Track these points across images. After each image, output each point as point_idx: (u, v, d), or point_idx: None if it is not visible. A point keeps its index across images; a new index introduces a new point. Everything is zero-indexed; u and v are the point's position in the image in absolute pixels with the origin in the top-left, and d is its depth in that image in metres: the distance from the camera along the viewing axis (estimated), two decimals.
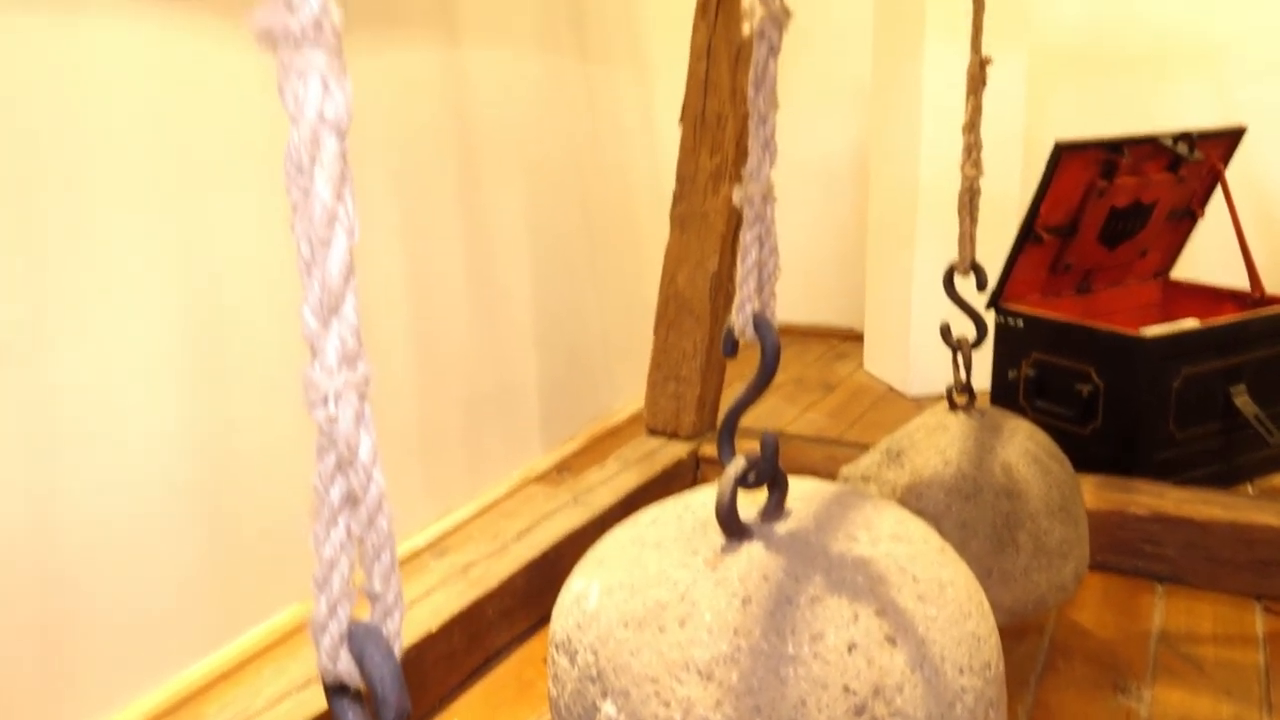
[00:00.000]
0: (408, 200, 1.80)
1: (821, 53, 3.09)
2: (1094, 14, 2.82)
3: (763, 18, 0.86)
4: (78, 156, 1.25)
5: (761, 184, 0.90)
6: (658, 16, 2.56)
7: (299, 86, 0.44)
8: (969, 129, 1.45)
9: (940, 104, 2.48)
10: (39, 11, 1.20)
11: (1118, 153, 2.16)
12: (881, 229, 2.78)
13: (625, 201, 2.52)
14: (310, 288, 0.47)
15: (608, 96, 2.42)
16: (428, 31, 1.84)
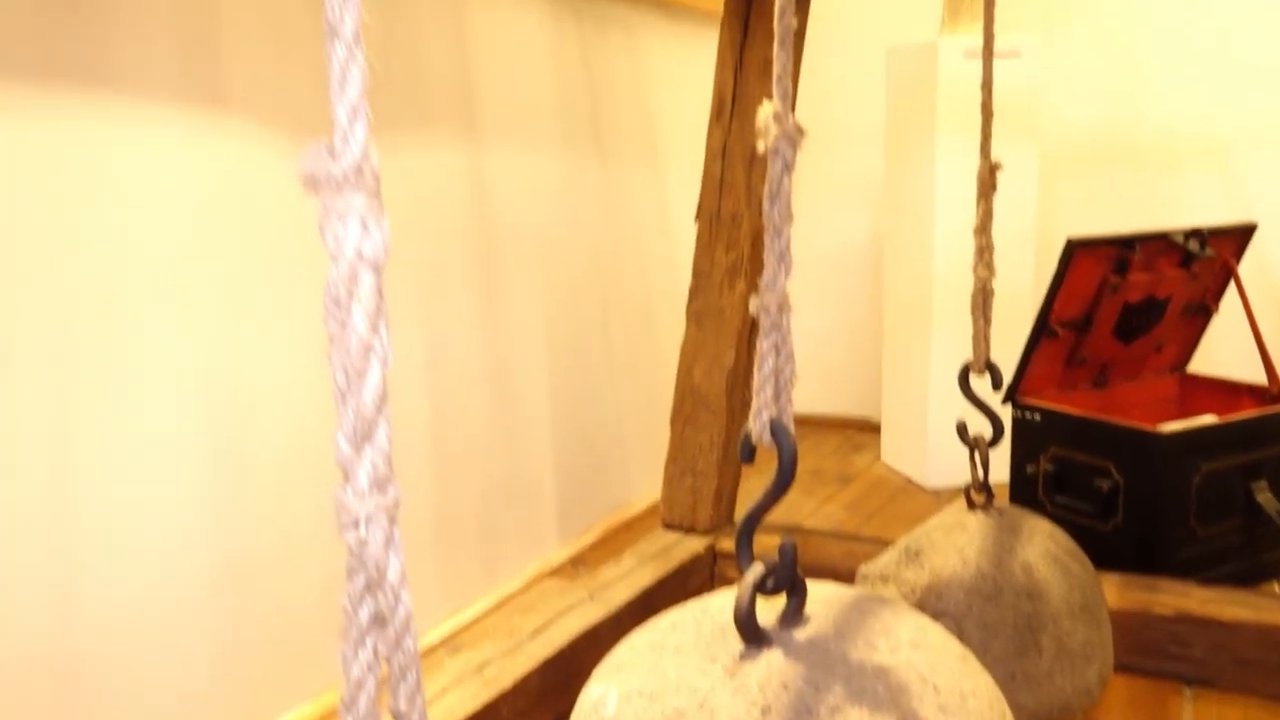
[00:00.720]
0: (427, 293, 1.84)
1: (835, 148, 3.16)
2: (1103, 113, 2.88)
3: (777, 136, 0.90)
4: (114, 263, 1.29)
5: (777, 294, 0.93)
6: (673, 117, 2.64)
7: (339, 227, 0.47)
8: (980, 232, 1.47)
9: (952, 200, 2.53)
10: (79, 125, 1.25)
11: (1130, 249, 2.18)
12: (897, 322, 2.81)
13: (642, 296, 2.56)
14: (344, 415, 0.49)
15: (625, 194, 2.47)
16: (451, 133, 1.90)
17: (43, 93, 1.21)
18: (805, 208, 3.17)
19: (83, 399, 1.26)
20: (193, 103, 1.38)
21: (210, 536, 1.43)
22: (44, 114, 1.21)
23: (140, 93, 1.31)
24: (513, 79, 2.06)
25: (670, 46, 2.65)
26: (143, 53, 1.32)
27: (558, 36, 2.20)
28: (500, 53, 2.02)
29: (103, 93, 1.27)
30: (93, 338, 1.27)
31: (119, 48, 1.29)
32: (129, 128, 1.31)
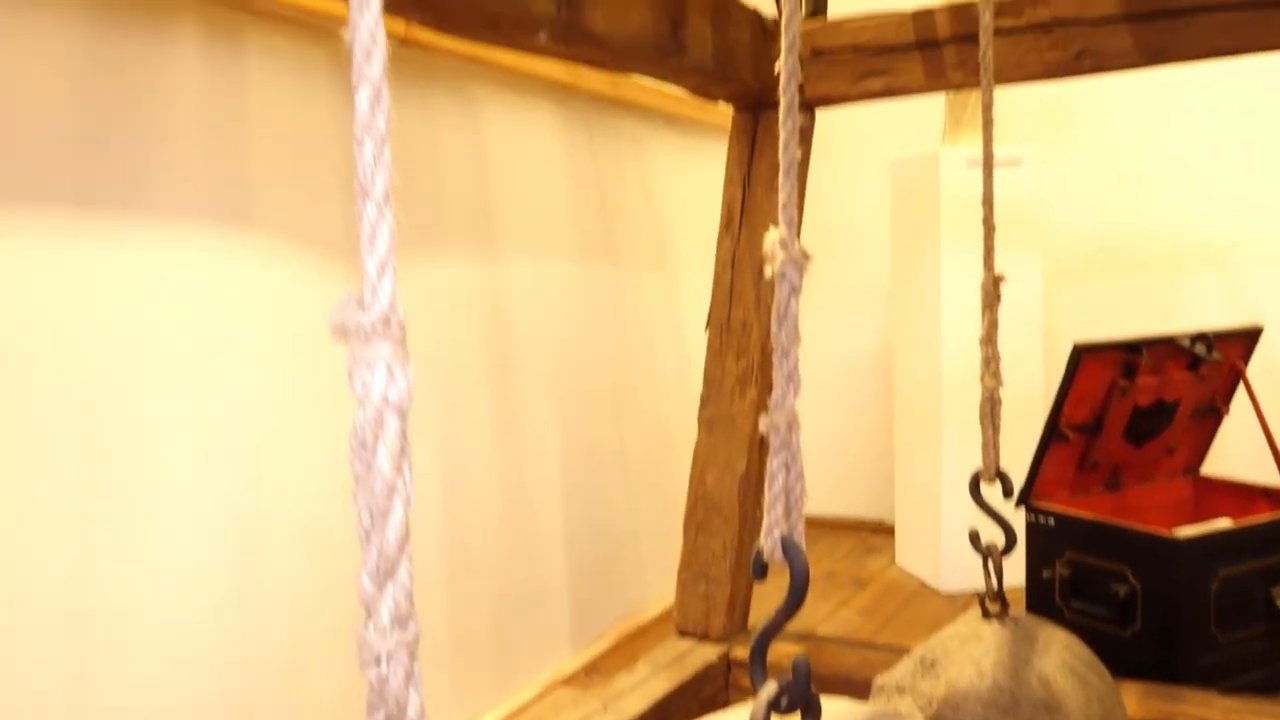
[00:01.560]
0: (441, 400, 1.87)
1: (842, 252, 3.22)
2: (1105, 219, 2.94)
3: (783, 260, 0.93)
4: (139, 381, 1.33)
5: (786, 412, 0.95)
6: (684, 227, 2.70)
7: (367, 374, 0.50)
8: (986, 342, 1.50)
9: (959, 307, 2.56)
10: (112, 248, 1.30)
11: (1136, 353, 2.20)
12: (908, 426, 2.82)
13: (655, 404, 2.58)
14: (368, 553, 0.50)
15: (638, 303, 2.52)
16: (467, 244, 1.96)
17: (78, 218, 1.26)
18: (815, 310, 3.22)
19: (102, 512, 1.28)
20: (221, 226, 1.43)
21: (224, 650, 1.43)
22: (78, 238, 1.26)
23: (171, 216, 1.37)
24: (527, 192, 2.13)
25: (680, 158, 2.73)
26: (175, 177, 1.38)
27: (571, 150, 2.27)
28: (515, 166, 2.09)
29: (135, 217, 1.32)
30: (115, 453, 1.30)
31: (152, 173, 1.35)
32: (159, 252, 1.35)
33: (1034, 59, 1.61)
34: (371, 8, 0.49)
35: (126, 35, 1.33)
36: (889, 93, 1.76)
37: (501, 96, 2.04)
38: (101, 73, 1.29)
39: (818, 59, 1.80)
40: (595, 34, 1.28)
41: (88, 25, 1.28)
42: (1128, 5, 1.52)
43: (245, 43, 1.50)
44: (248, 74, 1.49)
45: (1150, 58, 1.54)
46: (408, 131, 1.80)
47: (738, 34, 1.61)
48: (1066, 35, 1.58)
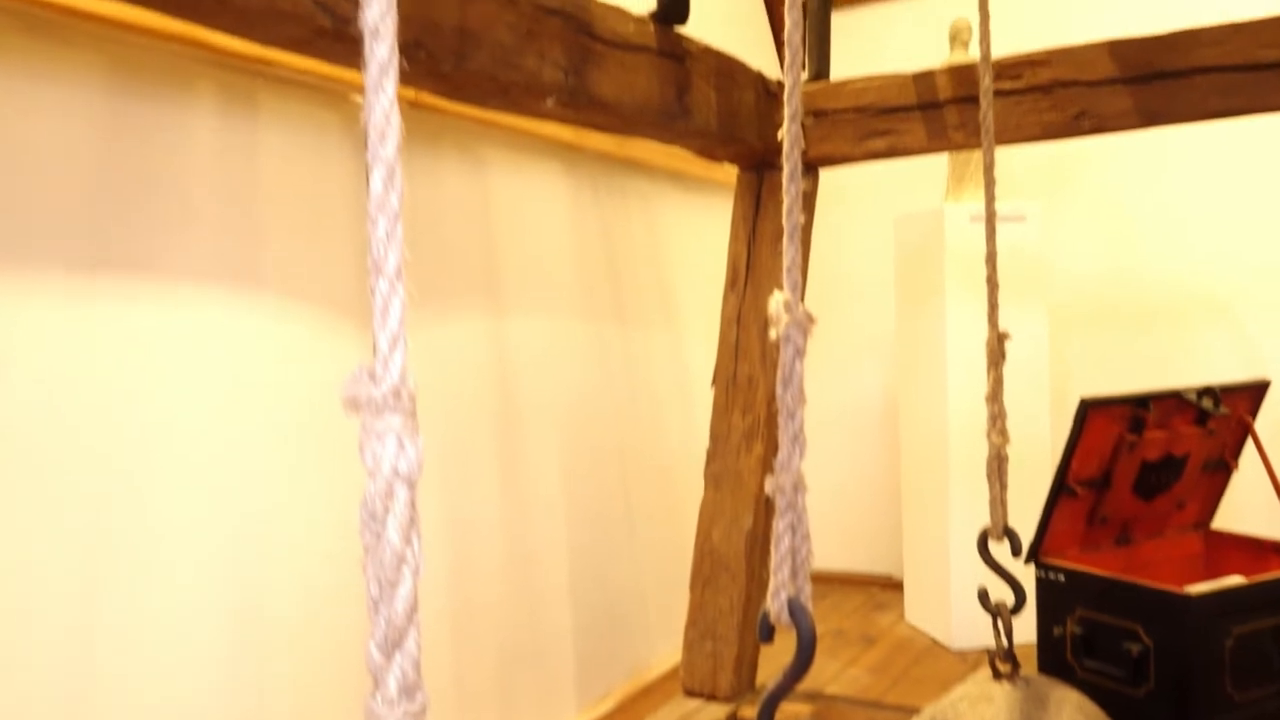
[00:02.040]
0: (447, 456, 1.87)
1: (847, 304, 3.24)
2: (1109, 272, 2.95)
3: (788, 323, 0.94)
4: (146, 438, 1.34)
5: (792, 474, 0.95)
6: (690, 283, 2.72)
7: (377, 446, 0.51)
8: (992, 399, 1.51)
9: (964, 362, 2.57)
10: (122, 309, 1.32)
11: (1144, 408, 2.20)
12: (915, 480, 2.81)
13: (661, 457, 2.58)
14: (376, 624, 0.51)
15: (644, 359, 2.53)
16: (474, 302, 1.97)
17: (92, 280, 1.28)
18: (821, 362, 3.23)
19: (107, 571, 1.28)
20: (234, 286, 1.45)
21: (226, 709, 1.42)
22: (92, 300, 1.28)
23: (184, 277, 1.38)
24: (534, 249, 2.15)
25: (687, 215, 2.76)
26: (189, 239, 1.40)
27: (577, 208, 2.30)
28: (522, 224, 2.11)
29: (149, 278, 1.34)
30: (121, 512, 1.30)
31: (167, 235, 1.37)
32: (172, 311, 1.37)
33: (1033, 120, 1.63)
34: (386, 91, 0.51)
35: (145, 101, 1.36)
36: (892, 153, 1.79)
37: (509, 156, 2.07)
38: (120, 137, 1.32)
39: (821, 120, 1.82)
40: (602, 100, 1.30)
41: (108, 92, 1.31)
42: (1125, 68, 1.55)
43: (260, 107, 1.53)
44: (262, 137, 1.52)
45: (1148, 119, 1.56)
46: (417, 191, 1.83)
47: (742, 97, 1.64)
48: (1065, 97, 1.61)
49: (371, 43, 0.50)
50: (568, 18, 1.24)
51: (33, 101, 1.23)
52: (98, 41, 1.29)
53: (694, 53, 1.52)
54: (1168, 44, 1.54)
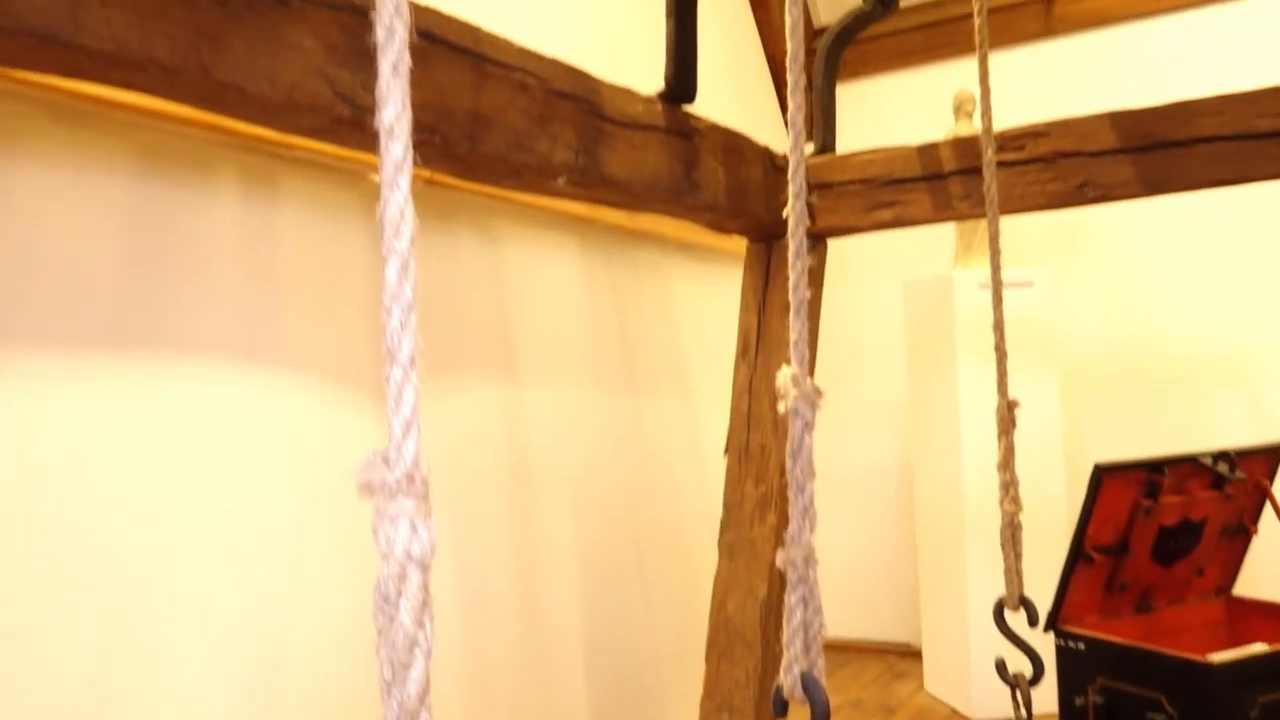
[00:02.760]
0: (461, 525, 1.88)
1: (859, 369, 3.24)
2: (1121, 336, 2.96)
3: (796, 397, 0.96)
4: (163, 509, 1.35)
5: (803, 548, 0.96)
6: (702, 352, 2.74)
7: (390, 529, 0.52)
8: (1003, 467, 1.51)
9: (978, 429, 2.57)
10: (143, 386, 1.34)
11: (1159, 473, 2.19)
12: (931, 548, 2.79)
13: (675, 527, 2.58)
14: (389, 706, 0.52)
15: (657, 428, 2.54)
16: (488, 371, 2.00)
17: (113, 357, 1.30)
18: (833, 427, 3.23)
19: (122, 644, 1.28)
20: (249, 362, 1.48)
21: None
22: (112, 377, 1.30)
23: (203, 354, 1.41)
24: (548, 320, 2.18)
25: (698, 285, 2.79)
26: (208, 316, 1.43)
27: (590, 279, 2.33)
28: (536, 296, 2.14)
29: (168, 355, 1.37)
30: (137, 586, 1.31)
31: (187, 313, 1.40)
32: (188, 388, 1.40)
33: (1037, 190, 1.66)
34: (401, 188, 0.53)
35: (169, 184, 1.40)
36: (898, 223, 1.81)
37: (523, 230, 2.11)
38: (144, 221, 1.36)
39: (827, 191, 1.86)
40: (612, 178, 1.34)
41: (133, 176, 1.35)
42: (1125, 138, 1.58)
43: (280, 188, 1.57)
44: (281, 217, 1.56)
45: (1151, 188, 1.58)
46: (432, 266, 1.86)
47: (749, 172, 1.67)
48: (1068, 167, 1.64)
49: (387, 141, 0.53)
50: (578, 100, 1.27)
51: (62, 187, 1.27)
52: (125, 128, 1.34)
53: (701, 130, 1.56)
54: (1166, 115, 1.57)
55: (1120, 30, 2.88)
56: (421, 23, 1.07)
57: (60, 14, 0.74)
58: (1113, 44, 2.89)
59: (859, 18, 1.89)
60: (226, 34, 0.86)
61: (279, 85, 0.91)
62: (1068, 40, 2.96)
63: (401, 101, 0.53)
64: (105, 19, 0.77)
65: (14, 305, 1.21)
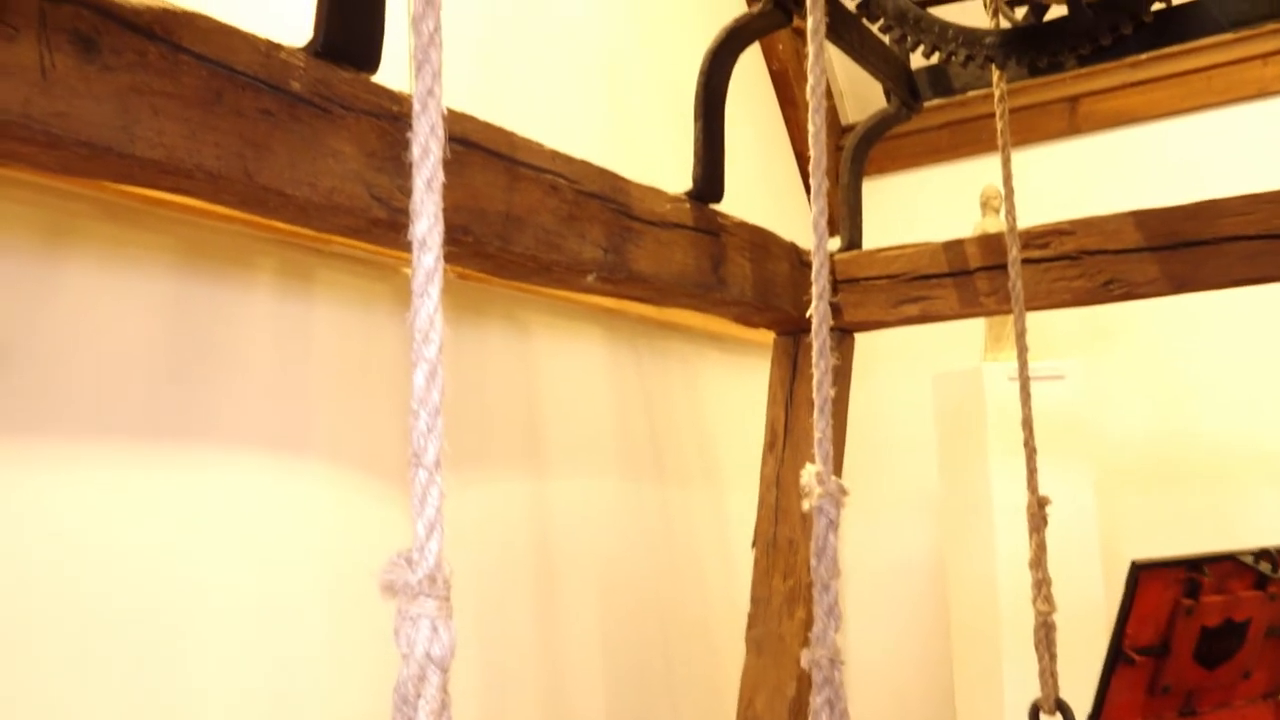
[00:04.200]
0: (486, 616, 1.87)
1: (889, 462, 3.22)
2: (1156, 430, 2.92)
3: (820, 495, 0.96)
4: (187, 594, 1.36)
5: (828, 648, 0.95)
6: (730, 443, 2.74)
7: (411, 630, 0.53)
8: (1035, 566, 1.49)
9: (1012, 525, 2.52)
10: (177, 472, 1.37)
11: (1198, 571, 2.14)
12: (965, 648, 2.73)
13: (702, 620, 2.54)
14: None
15: (684, 519, 2.53)
16: (515, 462, 2.01)
17: (148, 447, 1.33)
18: (862, 521, 3.19)
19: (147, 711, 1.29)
20: (281, 451, 1.50)
21: None
22: (147, 467, 1.33)
23: (234, 443, 1.44)
24: (576, 412, 2.19)
25: (726, 376, 2.80)
26: (242, 406, 1.46)
27: (618, 371, 2.35)
28: (564, 388, 2.17)
29: (200, 445, 1.40)
30: (162, 669, 1.31)
31: (221, 403, 1.43)
32: (221, 475, 1.42)
33: (1063, 287, 1.67)
34: (431, 297, 0.55)
35: (209, 278, 1.44)
36: (925, 318, 1.83)
37: (552, 322, 2.14)
38: (184, 314, 1.40)
39: (854, 287, 1.88)
40: (640, 275, 1.36)
41: (175, 270, 1.40)
42: (1150, 237, 1.59)
43: (315, 280, 1.61)
44: (316, 309, 1.60)
45: (1177, 286, 1.59)
46: (463, 358, 1.89)
47: (776, 268, 1.70)
48: (1094, 265, 1.65)
49: (419, 253, 0.55)
50: (607, 200, 1.31)
51: (109, 281, 1.31)
52: (170, 225, 1.39)
53: (728, 227, 1.59)
54: (1191, 214, 1.58)
55: (1144, 129, 2.91)
56: (457, 129, 1.11)
57: (114, 126, 0.78)
58: (1137, 143, 2.92)
59: (884, 119, 1.94)
60: (271, 142, 0.90)
61: (319, 189, 0.94)
62: (1093, 138, 3.00)
63: (435, 215, 0.56)
64: (157, 129, 0.82)
65: (58, 394, 1.25)
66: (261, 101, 0.90)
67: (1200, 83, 2.84)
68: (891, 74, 1.86)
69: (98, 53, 0.78)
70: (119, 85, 0.79)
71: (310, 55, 0.95)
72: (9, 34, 0.73)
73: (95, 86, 0.78)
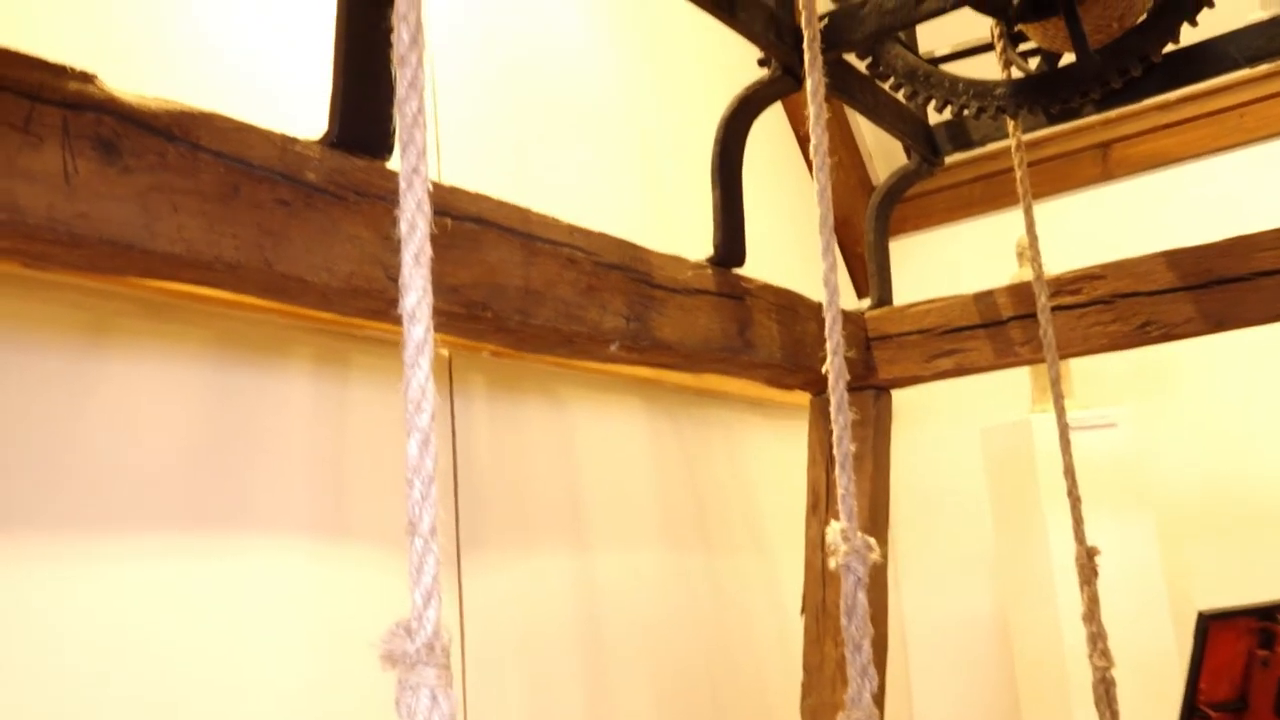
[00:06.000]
0: (533, 691, 1.85)
1: (941, 517, 3.16)
2: (1217, 475, 2.83)
3: (846, 553, 0.94)
4: (226, 682, 1.37)
5: (864, 710, 0.92)
6: (777, 508, 2.71)
7: (412, 700, 0.53)
8: (1089, 619, 1.44)
9: (1073, 576, 2.46)
10: (216, 560, 1.39)
11: (1270, 620, 2.06)
12: (1033, 707, 2.63)
13: (756, 690, 2.49)
14: None
15: (733, 587, 2.50)
16: (558, 537, 2.00)
17: (186, 535, 1.36)
18: (922, 578, 3.12)
19: None
20: (317, 535, 1.52)
21: None
22: (185, 555, 1.35)
23: (270, 528, 1.46)
24: (617, 483, 2.19)
25: (768, 440, 2.79)
26: (279, 491, 1.48)
27: (658, 440, 2.35)
28: (605, 459, 2.17)
29: (237, 532, 1.42)
30: None
31: (259, 488, 1.46)
32: (260, 557, 1.44)
33: (1098, 332, 1.65)
34: (422, 368, 0.56)
35: (246, 368, 1.48)
36: (960, 371, 1.81)
37: (589, 394, 2.15)
38: (221, 403, 1.43)
39: (887, 343, 1.87)
40: (665, 342, 1.37)
41: (213, 361, 1.44)
42: (1183, 276, 1.57)
43: (351, 365, 1.65)
44: (351, 392, 1.63)
45: (1215, 324, 1.56)
46: (501, 434, 1.91)
47: (804, 327, 1.70)
48: (1128, 308, 1.62)
49: (409, 325, 0.57)
50: (627, 270, 1.33)
51: (148, 375, 1.35)
52: (207, 317, 1.44)
53: (753, 290, 1.59)
54: (1224, 251, 1.56)
55: (1179, 170, 2.88)
56: (472, 208, 1.14)
57: (136, 224, 0.82)
58: (1172, 184, 2.90)
59: (906, 176, 1.94)
60: (288, 230, 0.93)
61: (337, 274, 0.97)
62: (1127, 183, 2.97)
63: (423, 289, 0.57)
64: (177, 225, 0.85)
65: (100, 487, 1.28)
66: (278, 192, 0.93)
67: (1232, 121, 2.82)
68: (909, 131, 1.87)
69: (118, 155, 0.82)
70: (139, 185, 0.83)
71: (325, 146, 0.99)
72: (34, 143, 0.78)
73: (117, 188, 0.81)
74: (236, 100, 1.33)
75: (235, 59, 1.55)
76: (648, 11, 2.54)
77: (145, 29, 1.43)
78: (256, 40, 1.59)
